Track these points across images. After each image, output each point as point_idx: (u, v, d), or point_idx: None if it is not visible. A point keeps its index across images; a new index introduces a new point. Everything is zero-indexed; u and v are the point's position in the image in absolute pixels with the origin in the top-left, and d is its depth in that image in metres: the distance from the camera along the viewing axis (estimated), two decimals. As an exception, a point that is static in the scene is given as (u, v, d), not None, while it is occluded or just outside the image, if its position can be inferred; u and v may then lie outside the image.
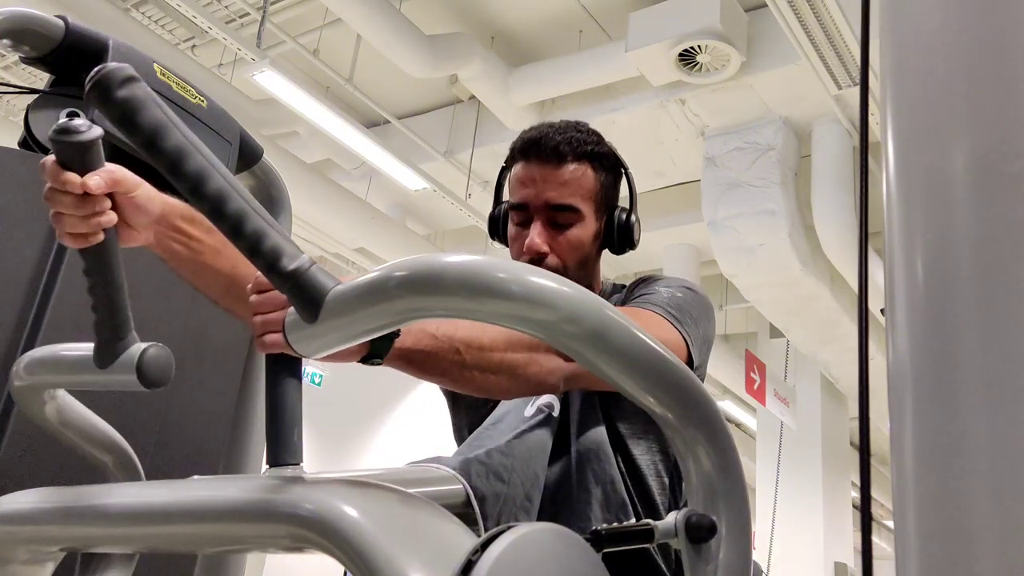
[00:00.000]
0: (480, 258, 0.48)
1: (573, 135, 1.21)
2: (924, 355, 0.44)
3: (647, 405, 0.51)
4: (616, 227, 1.24)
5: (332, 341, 0.58)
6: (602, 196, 1.23)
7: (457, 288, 0.47)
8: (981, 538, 0.39)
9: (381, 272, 0.51)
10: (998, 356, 0.41)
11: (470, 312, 0.47)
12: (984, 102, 0.44)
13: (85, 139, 0.69)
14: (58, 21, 1.17)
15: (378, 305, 0.52)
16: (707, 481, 0.51)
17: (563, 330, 0.47)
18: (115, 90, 0.66)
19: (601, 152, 1.24)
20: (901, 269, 0.46)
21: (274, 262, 0.59)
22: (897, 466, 0.44)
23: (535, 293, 0.46)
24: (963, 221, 0.43)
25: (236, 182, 0.62)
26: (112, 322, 0.70)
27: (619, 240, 1.24)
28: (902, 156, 0.48)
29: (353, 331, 0.55)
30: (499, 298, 0.46)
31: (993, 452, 0.40)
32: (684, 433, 0.51)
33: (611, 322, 0.48)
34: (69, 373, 0.73)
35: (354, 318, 0.53)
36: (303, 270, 0.58)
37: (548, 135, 1.21)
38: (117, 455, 0.83)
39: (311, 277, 0.58)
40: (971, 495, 0.40)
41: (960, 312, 0.43)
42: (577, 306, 0.47)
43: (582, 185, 1.20)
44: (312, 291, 0.57)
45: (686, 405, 0.50)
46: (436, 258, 0.49)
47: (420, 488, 0.87)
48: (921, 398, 0.44)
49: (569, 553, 0.51)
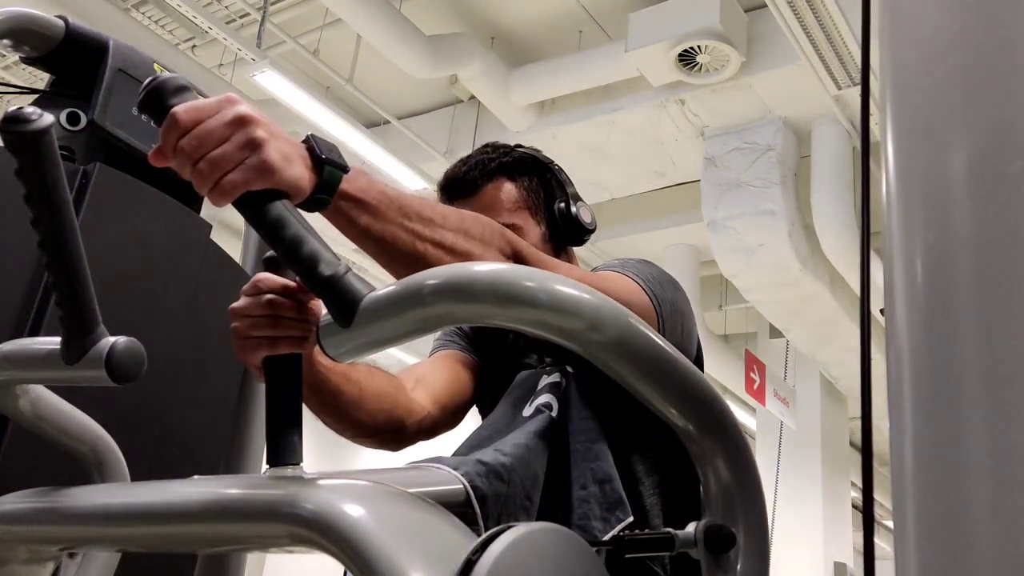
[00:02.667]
0: (507, 267, 0.49)
1: (478, 158, 1.23)
2: (924, 355, 0.44)
3: (667, 414, 0.51)
4: (561, 220, 1.23)
5: (365, 345, 0.59)
6: (531, 199, 1.24)
7: (487, 295, 0.48)
8: (981, 538, 0.39)
9: (414, 280, 0.52)
10: (998, 356, 0.41)
11: (499, 316, 0.48)
12: (984, 102, 0.44)
13: (37, 127, 0.62)
14: (58, 21, 1.18)
15: (411, 311, 0.53)
16: (726, 491, 0.51)
17: (588, 338, 0.48)
18: (168, 99, 0.67)
19: (509, 162, 1.24)
20: (901, 269, 0.46)
21: (311, 267, 0.62)
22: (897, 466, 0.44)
23: (561, 301, 0.48)
24: (963, 221, 0.43)
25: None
26: (79, 316, 0.68)
27: (570, 231, 1.24)
28: (902, 156, 0.48)
29: (385, 336, 0.57)
30: (527, 305, 0.48)
31: (993, 452, 0.40)
32: (703, 443, 0.51)
33: (635, 331, 0.49)
34: (37, 369, 0.71)
35: (387, 324, 0.55)
36: (339, 276, 0.60)
37: (457, 170, 1.24)
38: (96, 446, 0.82)
39: (347, 283, 0.59)
40: (971, 495, 0.40)
41: (960, 312, 0.43)
42: (602, 315, 0.48)
43: (506, 200, 1.21)
44: (347, 297, 0.59)
45: (705, 415, 0.50)
46: (466, 267, 0.50)
47: (420, 488, 0.87)
48: (921, 398, 0.44)
49: (569, 553, 0.51)
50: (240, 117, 0.69)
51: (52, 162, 0.64)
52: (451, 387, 1.26)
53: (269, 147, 0.69)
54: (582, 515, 1.01)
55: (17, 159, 0.63)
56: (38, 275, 1.05)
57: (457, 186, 1.22)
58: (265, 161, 0.68)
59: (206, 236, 1.29)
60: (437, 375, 1.26)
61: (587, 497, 1.02)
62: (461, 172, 1.22)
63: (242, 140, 0.68)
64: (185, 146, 0.67)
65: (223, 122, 0.68)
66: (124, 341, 0.68)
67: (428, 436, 1.22)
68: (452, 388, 1.26)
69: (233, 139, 0.68)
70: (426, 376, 1.24)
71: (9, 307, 1.03)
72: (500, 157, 1.24)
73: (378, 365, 1.19)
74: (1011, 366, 0.40)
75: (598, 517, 1.01)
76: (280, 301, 0.86)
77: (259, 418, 1.41)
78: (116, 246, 1.16)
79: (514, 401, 1.17)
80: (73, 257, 0.67)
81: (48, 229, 0.66)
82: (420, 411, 1.18)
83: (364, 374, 1.11)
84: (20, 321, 1.04)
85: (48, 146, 0.64)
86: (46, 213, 0.65)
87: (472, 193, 1.21)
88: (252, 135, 0.69)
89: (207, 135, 0.68)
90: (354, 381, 1.08)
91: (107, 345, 0.68)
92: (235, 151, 0.68)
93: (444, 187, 1.24)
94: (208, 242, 1.30)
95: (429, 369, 1.26)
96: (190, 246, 1.26)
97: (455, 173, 1.23)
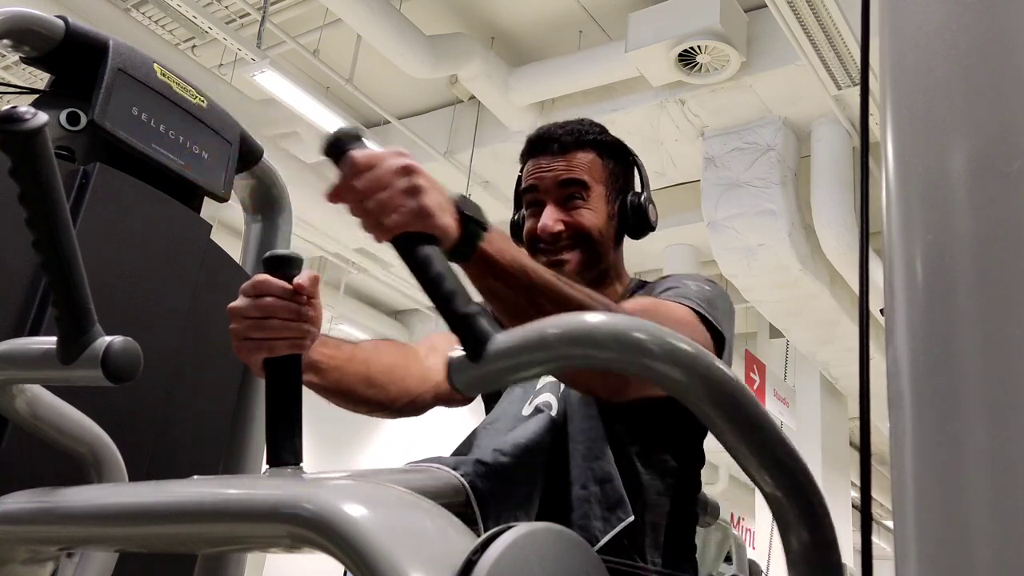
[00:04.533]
0: (626, 318, 0.55)
1: (575, 126, 1.27)
2: (923, 355, 0.44)
3: (758, 478, 0.55)
4: (630, 209, 1.27)
5: (493, 380, 0.66)
6: (611, 180, 1.28)
7: (606, 343, 0.54)
8: (981, 538, 0.39)
9: (537, 326, 0.59)
10: (998, 356, 0.41)
11: (615, 361, 0.54)
12: (984, 102, 0.44)
13: (30, 127, 0.62)
14: (58, 21, 1.17)
15: (536, 353, 0.59)
16: (807, 555, 0.55)
17: (695, 391, 0.52)
18: (347, 145, 0.77)
19: (605, 140, 1.29)
20: (900, 269, 0.46)
21: (450, 303, 0.70)
22: (897, 466, 0.44)
23: (673, 355, 0.52)
24: (963, 221, 0.43)
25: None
26: (75, 315, 0.68)
27: (635, 222, 1.28)
28: (902, 156, 0.48)
29: (509, 372, 0.64)
30: (641, 355, 0.53)
31: (993, 452, 0.40)
32: (789, 510, 0.54)
33: (742, 395, 0.52)
34: (33, 369, 0.71)
35: (513, 362, 0.61)
36: (473, 314, 0.68)
37: (551, 131, 1.27)
38: (94, 446, 0.82)
39: (479, 322, 0.67)
40: (971, 495, 0.40)
41: (959, 312, 0.43)
42: (710, 374, 0.52)
43: (590, 168, 1.25)
44: (479, 334, 0.66)
45: (794, 484, 0.53)
46: (584, 318, 0.57)
47: (420, 488, 0.87)
48: (920, 398, 0.44)
49: (569, 553, 0.51)
50: (407, 167, 0.79)
51: (46, 162, 0.64)
52: None
53: (428, 196, 0.79)
54: (582, 515, 1.01)
55: (11, 159, 0.63)
56: (38, 275, 1.05)
57: (548, 143, 1.26)
58: (424, 207, 0.77)
59: (206, 236, 1.29)
60: (453, 343, 1.27)
61: (587, 497, 1.02)
62: (557, 133, 1.26)
63: (406, 186, 0.78)
64: (359, 187, 0.77)
65: (392, 170, 0.78)
66: (120, 341, 0.68)
67: (447, 402, 1.23)
68: None
69: (399, 185, 0.78)
70: (441, 344, 1.26)
71: (9, 307, 1.03)
72: (597, 133, 1.28)
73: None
74: (1011, 366, 0.40)
75: (599, 517, 1.01)
76: (278, 303, 0.86)
77: (259, 418, 1.41)
78: (116, 246, 1.15)
79: (514, 400, 1.17)
80: (68, 257, 0.67)
81: (43, 229, 0.66)
82: (436, 375, 1.20)
83: (371, 351, 1.13)
84: (20, 321, 1.04)
85: (42, 146, 0.63)
86: (40, 213, 0.65)
87: (560, 154, 1.25)
88: (415, 183, 0.78)
89: (378, 180, 0.77)
90: (360, 360, 1.09)
91: (103, 345, 0.67)
92: (400, 196, 0.77)
93: (534, 141, 1.28)
94: (208, 242, 1.30)
95: (445, 339, 1.28)
96: (190, 246, 1.26)
97: (549, 132, 1.27)
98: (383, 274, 7.42)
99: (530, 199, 1.26)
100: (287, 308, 0.87)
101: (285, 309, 0.87)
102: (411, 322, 8.93)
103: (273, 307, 0.86)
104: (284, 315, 0.86)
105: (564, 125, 1.28)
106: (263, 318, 0.86)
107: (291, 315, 0.87)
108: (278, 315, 0.86)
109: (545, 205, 1.23)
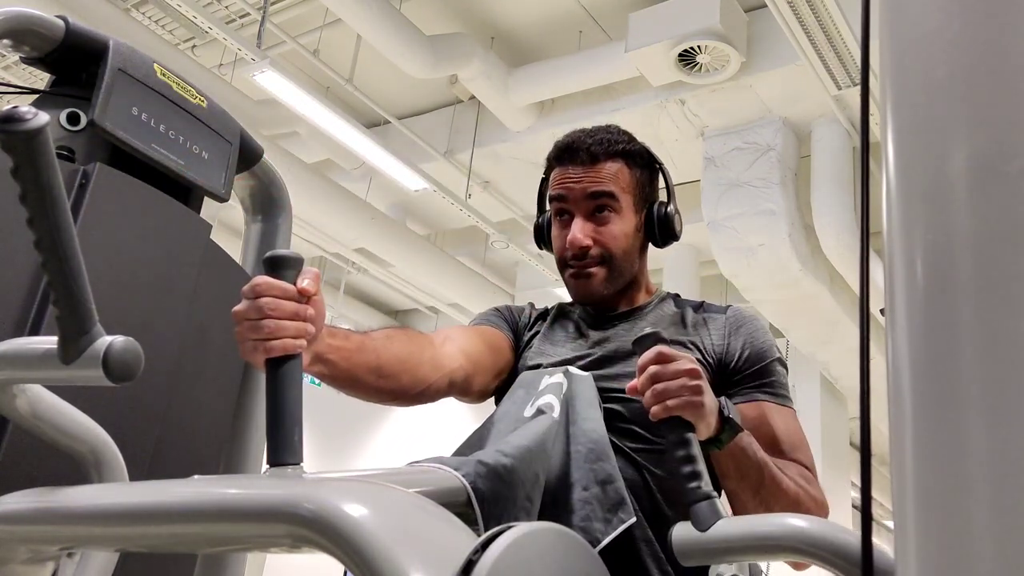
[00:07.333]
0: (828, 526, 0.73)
1: (604, 136, 1.29)
2: (924, 355, 0.44)
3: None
4: (656, 220, 1.30)
5: (713, 553, 0.80)
6: (639, 191, 1.30)
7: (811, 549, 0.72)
8: (981, 538, 0.39)
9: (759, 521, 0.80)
10: (998, 356, 0.41)
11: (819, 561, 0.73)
12: (984, 102, 0.44)
13: (31, 127, 0.61)
14: (58, 21, 1.17)
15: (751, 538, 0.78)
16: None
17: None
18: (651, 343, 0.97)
19: (633, 150, 1.30)
20: (901, 269, 0.46)
21: (689, 480, 0.86)
22: (896, 466, 0.44)
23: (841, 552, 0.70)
24: (963, 221, 0.43)
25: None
26: (75, 315, 0.68)
27: (661, 232, 1.30)
28: (902, 156, 0.48)
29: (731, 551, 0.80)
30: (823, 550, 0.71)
31: (993, 452, 0.40)
32: None
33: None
34: (34, 368, 0.71)
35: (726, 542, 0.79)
36: (706, 495, 0.84)
37: (580, 139, 1.29)
38: (95, 446, 0.82)
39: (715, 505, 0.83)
40: (971, 495, 0.40)
41: (960, 312, 0.43)
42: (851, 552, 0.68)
43: (618, 178, 1.27)
44: (712, 514, 0.82)
45: None
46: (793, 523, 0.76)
47: (420, 488, 0.87)
48: (921, 398, 0.44)
49: (569, 553, 0.51)
50: (694, 370, 0.96)
51: (47, 162, 0.64)
52: (481, 346, 1.28)
53: (706, 395, 0.96)
54: (584, 516, 1.01)
55: (12, 159, 0.63)
56: (39, 275, 1.05)
57: (576, 153, 1.28)
58: (699, 402, 0.95)
59: (206, 236, 1.29)
60: (469, 334, 1.30)
61: (589, 498, 1.02)
62: (586, 143, 1.28)
63: (690, 383, 0.94)
64: (658, 374, 0.95)
65: (683, 368, 0.95)
66: (121, 340, 0.68)
67: (463, 391, 1.24)
68: (482, 347, 1.28)
69: (684, 379, 0.94)
70: (455, 334, 1.27)
71: (9, 307, 1.03)
72: (625, 142, 1.30)
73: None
74: (1012, 366, 0.40)
75: (600, 518, 1.01)
76: (277, 303, 0.87)
77: (259, 418, 1.41)
78: (116, 246, 1.15)
79: (516, 401, 1.17)
80: (69, 257, 0.67)
81: (44, 229, 0.66)
82: (450, 363, 1.20)
83: (381, 340, 1.13)
84: (20, 321, 1.04)
85: (43, 145, 0.63)
86: (41, 213, 0.65)
87: (589, 163, 1.27)
88: (698, 383, 0.95)
89: (672, 372, 0.95)
90: (370, 350, 1.10)
91: (104, 344, 0.67)
92: (682, 388, 0.94)
93: (562, 149, 1.30)
94: (208, 242, 1.30)
95: (461, 331, 1.29)
96: (190, 246, 1.26)
97: (578, 141, 1.29)
98: (383, 274, 7.41)
99: (558, 208, 1.28)
100: (285, 308, 0.87)
101: (284, 309, 0.87)
102: (411, 322, 8.93)
103: (272, 307, 0.87)
104: (282, 315, 0.87)
105: (593, 134, 1.29)
106: (261, 319, 0.86)
107: (289, 315, 0.87)
108: (277, 315, 0.86)
109: (573, 215, 1.26)
